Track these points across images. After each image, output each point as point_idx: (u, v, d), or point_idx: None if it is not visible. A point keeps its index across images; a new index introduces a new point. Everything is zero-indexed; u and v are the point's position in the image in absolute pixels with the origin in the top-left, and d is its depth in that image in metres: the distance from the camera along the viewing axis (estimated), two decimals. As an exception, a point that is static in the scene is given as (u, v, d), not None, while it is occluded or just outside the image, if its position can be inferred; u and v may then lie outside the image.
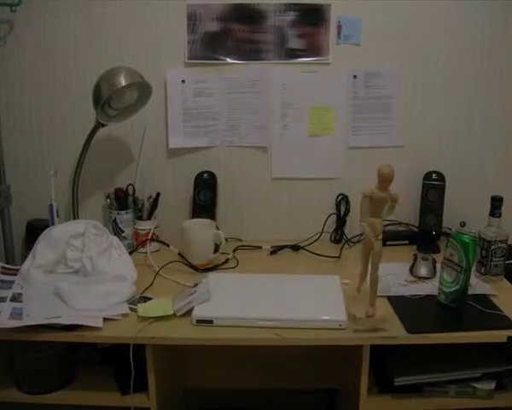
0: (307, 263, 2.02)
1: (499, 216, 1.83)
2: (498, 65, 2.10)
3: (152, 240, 2.05)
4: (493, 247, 1.82)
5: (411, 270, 1.86)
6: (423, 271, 1.84)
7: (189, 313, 1.56)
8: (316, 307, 1.59)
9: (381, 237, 1.53)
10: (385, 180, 1.52)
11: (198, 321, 1.54)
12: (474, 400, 1.58)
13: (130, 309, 1.60)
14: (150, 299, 1.66)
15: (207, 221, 2.04)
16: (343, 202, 2.21)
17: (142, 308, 1.58)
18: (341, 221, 2.21)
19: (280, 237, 2.19)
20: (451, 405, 1.59)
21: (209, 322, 1.54)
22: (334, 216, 2.21)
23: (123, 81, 1.84)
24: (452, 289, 1.61)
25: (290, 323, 1.53)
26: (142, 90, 1.94)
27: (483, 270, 1.84)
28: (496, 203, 1.83)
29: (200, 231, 1.97)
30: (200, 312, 1.56)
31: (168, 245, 1.97)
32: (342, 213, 2.21)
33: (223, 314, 1.56)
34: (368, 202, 1.53)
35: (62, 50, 2.09)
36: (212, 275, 1.85)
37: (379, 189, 1.52)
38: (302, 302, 1.63)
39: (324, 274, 1.84)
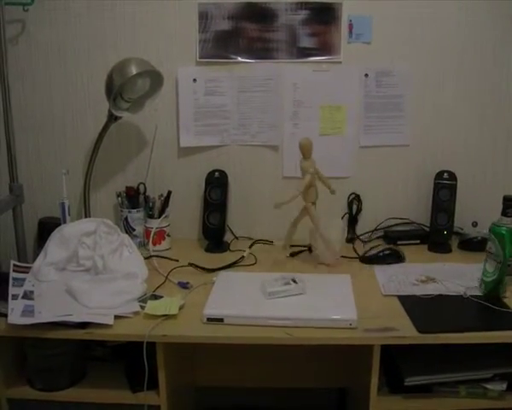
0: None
1: (511, 216, 1.81)
2: (510, 64, 2.09)
3: (157, 256, 2.03)
4: None
5: None
6: None
7: (199, 311, 1.57)
8: (326, 306, 1.59)
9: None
10: (308, 149, 1.89)
11: (208, 319, 1.54)
12: (484, 400, 1.57)
13: (141, 307, 1.61)
14: (161, 297, 1.67)
15: (340, 221, 2.08)
16: (355, 200, 2.20)
17: (150, 306, 1.59)
18: (354, 220, 2.21)
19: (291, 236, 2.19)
20: (462, 405, 1.57)
21: (219, 320, 1.53)
22: (347, 215, 2.21)
23: (134, 70, 1.85)
24: (490, 279, 1.65)
25: (301, 322, 1.52)
26: (154, 78, 1.95)
27: None
28: (508, 203, 1.77)
29: (336, 231, 1.99)
30: (210, 310, 1.56)
31: (177, 260, 1.96)
32: (354, 212, 2.21)
33: (233, 313, 1.55)
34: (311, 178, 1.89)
35: (74, 49, 2.10)
36: (221, 274, 1.86)
37: (306, 160, 1.90)
38: (313, 301, 1.63)
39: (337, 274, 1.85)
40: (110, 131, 2.03)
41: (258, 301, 1.63)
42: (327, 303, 1.61)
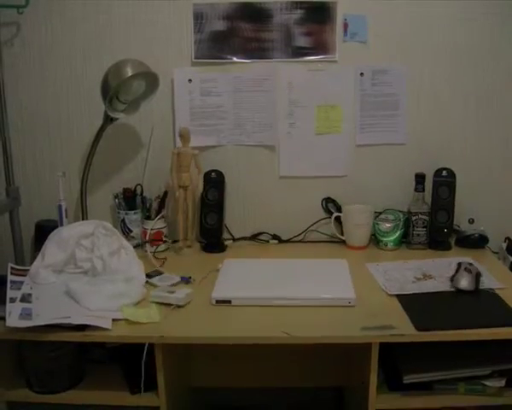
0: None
1: (422, 191, 2.09)
2: (506, 62, 2.09)
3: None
4: (414, 218, 2.07)
5: (452, 279, 1.76)
6: (464, 283, 1.72)
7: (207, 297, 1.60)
8: (326, 287, 1.71)
9: (190, 187, 2.09)
10: (183, 136, 2.05)
11: (217, 301, 1.64)
12: (483, 397, 1.57)
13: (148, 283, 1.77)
14: (161, 273, 1.82)
15: (368, 207, 2.14)
16: (330, 204, 2.22)
17: (130, 313, 1.56)
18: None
19: (288, 235, 2.20)
20: (461, 402, 1.58)
21: (227, 302, 1.63)
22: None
23: (129, 71, 1.85)
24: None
25: (303, 301, 1.62)
26: (150, 80, 1.95)
27: (408, 239, 2.11)
28: (419, 179, 2.08)
29: (363, 217, 2.10)
30: (218, 293, 1.66)
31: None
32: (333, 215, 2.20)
33: (240, 295, 1.65)
34: (176, 158, 2.05)
35: (69, 51, 2.10)
36: (227, 261, 1.94)
37: (182, 145, 2.06)
38: (313, 283, 1.74)
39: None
40: (106, 133, 2.02)
41: (263, 284, 1.74)
42: (328, 285, 1.74)
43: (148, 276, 1.80)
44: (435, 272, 1.84)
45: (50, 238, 1.83)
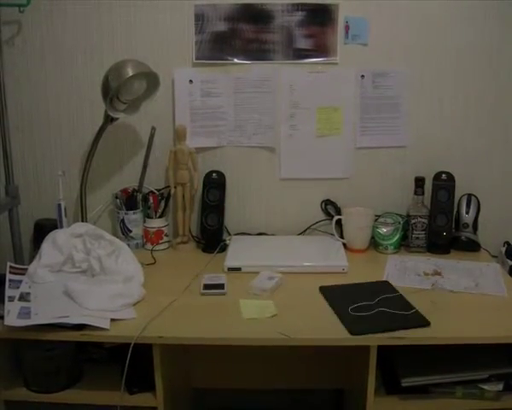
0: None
1: (422, 194, 2.10)
2: (507, 65, 2.09)
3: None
4: (413, 221, 2.08)
5: None
6: None
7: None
8: (323, 257, 1.97)
9: (188, 184, 2.13)
10: (179, 133, 2.09)
11: (229, 269, 1.89)
12: (481, 401, 1.57)
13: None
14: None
15: (369, 209, 2.15)
16: (329, 206, 2.22)
17: (250, 311, 1.61)
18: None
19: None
20: (459, 406, 1.57)
21: (238, 269, 1.89)
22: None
23: (130, 71, 1.85)
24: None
25: (302, 268, 1.89)
26: (150, 80, 1.95)
27: (407, 242, 2.12)
28: (418, 183, 2.11)
29: (365, 219, 2.12)
30: (230, 262, 1.91)
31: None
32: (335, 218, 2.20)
33: (248, 263, 1.90)
34: (173, 156, 2.10)
35: (70, 51, 2.10)
36: (234, 237, 2.16)
37: (178, 143, 2.11)
38: (312, 254, 1.99)
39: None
40: (106, 133, 2.02)
41: (268, 255, 1.98)
42: (324, 255, 1.98)
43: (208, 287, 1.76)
44: (449, 271, 1.88)
45: (46, 241, 1.82)
